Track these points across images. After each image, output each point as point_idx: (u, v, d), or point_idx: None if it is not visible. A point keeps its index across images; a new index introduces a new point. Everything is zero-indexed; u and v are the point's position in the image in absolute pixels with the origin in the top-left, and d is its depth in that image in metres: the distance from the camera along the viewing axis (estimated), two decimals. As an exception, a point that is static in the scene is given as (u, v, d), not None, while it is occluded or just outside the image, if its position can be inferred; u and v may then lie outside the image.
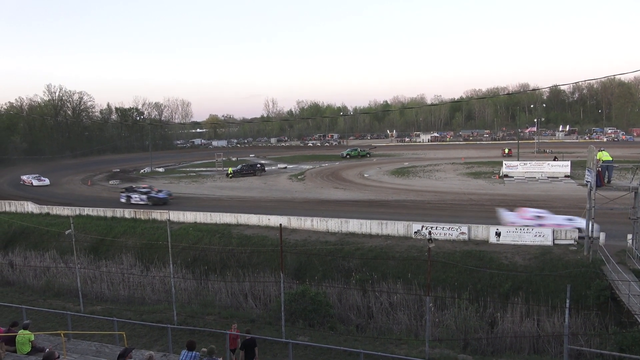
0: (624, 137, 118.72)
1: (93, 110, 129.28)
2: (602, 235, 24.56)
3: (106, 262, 30.99)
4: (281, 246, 17.94)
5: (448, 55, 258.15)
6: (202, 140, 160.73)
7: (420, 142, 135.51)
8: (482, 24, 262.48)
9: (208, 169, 75.20)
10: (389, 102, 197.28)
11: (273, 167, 73.58)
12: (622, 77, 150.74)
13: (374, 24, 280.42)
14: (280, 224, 19.57)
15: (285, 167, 73.32)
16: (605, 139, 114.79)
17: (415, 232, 28.09)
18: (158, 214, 36.26)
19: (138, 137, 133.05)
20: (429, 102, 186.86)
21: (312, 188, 50.61)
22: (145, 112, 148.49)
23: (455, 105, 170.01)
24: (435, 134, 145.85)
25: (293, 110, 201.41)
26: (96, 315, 20.73)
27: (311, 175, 61.18)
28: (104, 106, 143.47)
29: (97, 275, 28.98)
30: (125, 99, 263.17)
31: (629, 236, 23.23)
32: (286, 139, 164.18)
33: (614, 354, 15.71)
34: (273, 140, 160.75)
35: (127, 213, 37.49)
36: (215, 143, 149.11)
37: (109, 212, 38.16)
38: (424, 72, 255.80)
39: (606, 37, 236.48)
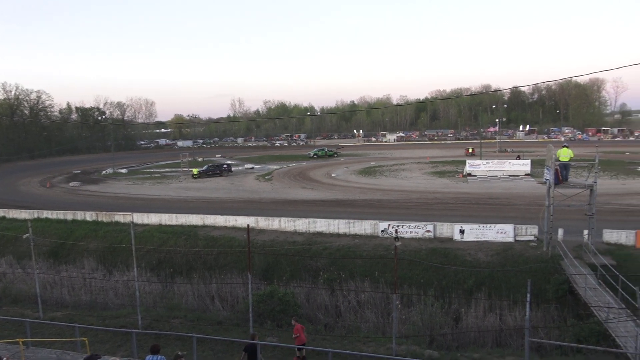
0: (580, 136, 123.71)
1: (52, 109, 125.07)
2: (560, 231, 25.48)
3: (66, 267, 29.99)
4: (249, 247, 17.82)
5: (413, 57, 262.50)
6: (167, 141, 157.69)
7: (386, 141, 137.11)
8: (446, 26, 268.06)
9: (173, 169, 73.85)
10: (355, 102, 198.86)
11: (240, 168, 72.94)
12: (579, 79, 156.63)
13: (340, 26, 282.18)
14: (248, 225, 19.43)
15: (253, 168, 72.81)
16: (562, 138, 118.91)
17: (382, 231, 28.42)
18: (121, 217, 35.37)
19: (100, 138, 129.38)
20: (395, 102, 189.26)
21: (279, 188, 50.46)
22: (107, 112, 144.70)
23: (421, 106, 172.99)
24: (401, 134, 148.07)
25: (260, 110, 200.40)
26: (56, 322, 20.02)
27: (279, 176, 60.98)
28: (64, 106, 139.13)
29: (57, 281, 28.01)
30: (86, 99, 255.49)
31: (585, 232, 24.22)
32: (253, 139, 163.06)
33: (572, 345, 16.33)
34: (240, 140, 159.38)
35: (89, 216, 36.40)
36: (180, 143, 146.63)
37: (69, 215, 36.96)
38: (390, 73, 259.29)
39: (564, 41, 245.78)
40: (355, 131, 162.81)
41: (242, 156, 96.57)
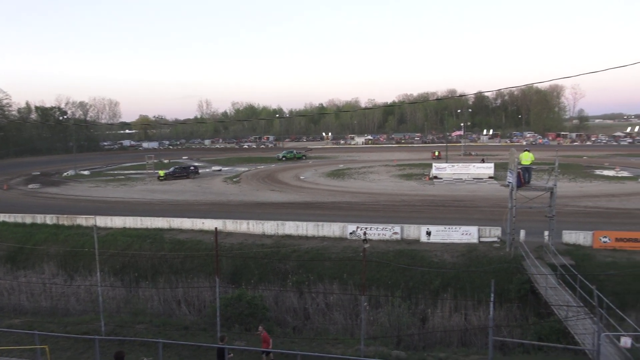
0: (540, 140, 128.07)
1: (9, 108, 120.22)
2: (522, 233, 26.28)
3: (25, 272, 28.88)
4: (217, 250, 17.62)
5: (382, 61, 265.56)
6: (132, 142, 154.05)
7: (355, 144, 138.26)
8: (413, 32, 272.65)
9: (138, 171, 72.19)
10: (324, 105, 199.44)
11: (207, 170, 72.02)
12: (539, 86, 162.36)
13: (309, 28, 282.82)
14: (216, 228, 19.23)
15: (220, 170, 72.01)
16: (524, 142, 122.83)
17: (350, 233, 28.60)
18: (83, 220, 34.35)
19: (61, 138, 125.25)
20: (363, 105, 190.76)
21: (247, 191, 50.08)
22: (69, 112, 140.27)
23: (388, 109, 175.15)
24: (369, 137, 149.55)
25: (228, 111, 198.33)
26: (14, 329, 19.24)
27: (247, 178, 60.53)
28: (23, 105, 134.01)
29: (15, 287, 26.93)
30: (46, 98, 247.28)
31: (546, 233, 25.06)
32: (221, 140, 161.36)
33: (534, 343, 16.85)
34: (207, 142, 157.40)
35: (49, 219, 35.18)
36: (145, 144, 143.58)
37: (28, 218, 35.62)
38: (359, 76, 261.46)
39: (526, 49, 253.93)
40: (324, 134, 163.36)
41: (209, 158, 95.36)
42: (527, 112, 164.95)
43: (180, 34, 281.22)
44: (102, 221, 33.71)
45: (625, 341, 13.50)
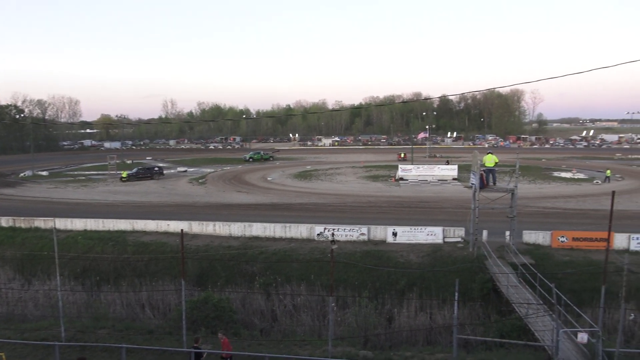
0: (502, 143, 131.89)
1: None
2: (484, 233, 26.99)
3: (-22, 277, 27.57)
4: (182, 252, 17.32)
5: (349, 63, 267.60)
6: (93, 142, 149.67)
7: (322, 146, 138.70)
8: (379, 34, 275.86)
9: (100, 172, 70.17)
10: (291, 106, 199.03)
11: (172, 171, 70.73)
12: (501, 90, 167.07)
13: (277, 29, 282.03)
14: (182, 230, 18.88)
15: (186, 171, 70.86)
16: (486, 145, 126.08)
17: (318, 234, 28.67)
18: (42, 222, 33.12)
19: (17, 137, 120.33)
20: (330, 107, 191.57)
21: (214, 192, 49.46)
22: (26, 110, 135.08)
23: (355, 111, 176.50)
24: (337, 138, 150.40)
25: (194, 111, 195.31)
26: (-34, 338, 18.34)
27: (213, 179, 59.78)
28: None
29: (-33, 292, 25.68)
30: (1, 95, 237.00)
31: (507, 233, 25.84)
32: (186, 141, 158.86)
33: (496, 340, 17.33)
34: (172, 142, 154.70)
35: (5, 221, 33.76)
36: (107, 144, 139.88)
37: (-19, 221, 34.05)
38: (326, 78, 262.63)
39: (488, 55, 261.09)
40: (291, 135, 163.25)
41: (174, 159, 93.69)
42: (489, 115, 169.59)
43: (144, 30, 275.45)
44: (62, 223, 32.60)
45: (582, 337, 14.07)
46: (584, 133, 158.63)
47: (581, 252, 25.49)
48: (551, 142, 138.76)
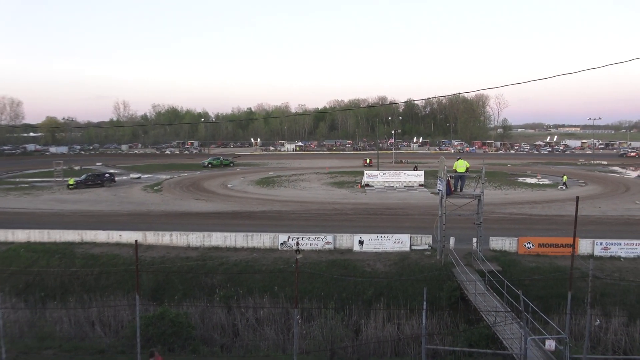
0: (467, 149, 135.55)
1: None
2: (452, 240, 27.55)
3: None
4: (137, 264, 16.85)
5: (313, 65, 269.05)
6: (37, 146, 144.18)
7: (284, 151, 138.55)
8: (343, 37, 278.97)
9: (45, 179, 67.55)
10: (253, 109, 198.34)
11: (125, 177, 69.04)
12: (466, 95, 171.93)
13: (237, 30, 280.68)
14: (136, 240, 18.40)
15: (139, 177, 69.30)
16: (452, 150, 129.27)
17: (281, 244, 28.53)
18: (-21, 234, 31.55)
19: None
20: (293, 111, 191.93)
21: (170, 200, 48.52)
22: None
23: (319, 115, 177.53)
24: (300, 143, 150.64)
25: (148, 114, 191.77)
26: None
27: (169, 186, 58.67)
28: None
29: None
30: None
31: (474, 240, 26.44)
32: (140, 145, 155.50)
33: (465, 350, 17.65)
34: (124, 147, 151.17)
35: (-64, 233, 31.95)
36: (53, 149, 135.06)
37: None
38: (289, 81, 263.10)
39: (453, 60, 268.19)
40: (252, 140, 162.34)
41: (127, 165, 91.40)
42: (454, 120, 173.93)
43: (94, 25, 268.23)
44: (2, 235, 31.15)
45: (550, 344, 14.52)
46: (548, 138, 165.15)
47: (547, 258, 26.38)
48: (516, 147, 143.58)
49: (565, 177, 56.77)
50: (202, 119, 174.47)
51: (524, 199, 46.84)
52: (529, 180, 62.77)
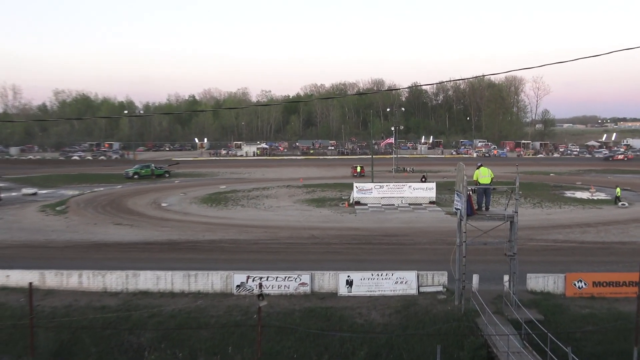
0: (495, 151, 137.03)
1: None
2: (475, 278, 27.72)
3: None
4: (31, 317, 16.59)
5: (280, 38, 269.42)
6: None
7: (242, 156, 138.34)
8: (323, 3, 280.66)
9: None
10: (197, 98, 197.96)
11: (14, 193, 68.29)
12: (493, 79, 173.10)
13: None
14: (30, 283, 18.14)
15: (35, 193, 68.48)
16: (475, 154, 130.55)
17: (238, 286, 28.35)
18: None
19: None
20: (254, 99, 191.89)
21: (79, 225, 47.94)
22: None
23: (291, 106, 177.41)
24: (264, 145, 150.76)
25: (48, 104, 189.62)
26: None
27: (78, 206, 58.02)
28: None
29: None
30: None
31: (506, 278, 26.66)
32: (37, 149, 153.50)
33: None
34: (14, 150, 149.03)
35: None
36: None
37: None
38: (248, 59, 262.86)
39: (475, 29, 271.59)
40: (197, 140, 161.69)
41: (17, 175, 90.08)
42: (477, 113, 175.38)
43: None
44: None
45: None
46: (604, 137, 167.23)
47: (605, 301, 26.70)
48: (561, 149, 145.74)
49: (618, 189, 57.41)
50: (126, 111, 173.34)
51: (573, 221, 47.51)
52: (579, 194, 63.79)
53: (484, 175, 26.48)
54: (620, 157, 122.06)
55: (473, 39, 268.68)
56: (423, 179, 68.12)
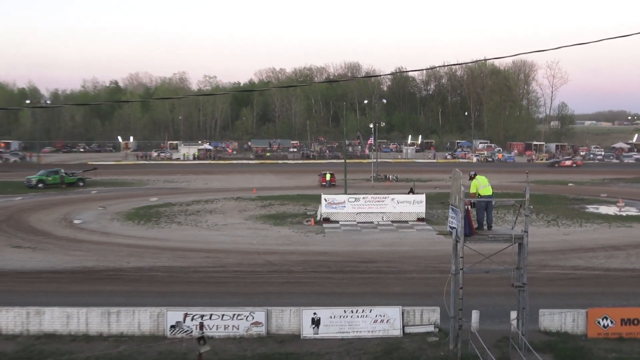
0: (500, 155, 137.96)
1: None
2: (474, 315, 27.89)
3: None
4: None
5: (227, 12, 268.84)
6: None
7: (179, 159, 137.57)
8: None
9: None
10: (121, 84, 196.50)
11: None
12: (498, 63, 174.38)
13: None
14: None
15: None
16: (475, 159, 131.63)
17: (172, 327, 28.17)
18: None
19: None
20: (194, 87, 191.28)
21: (-36, 248, 47.25)
22: None
23: (242, 97, 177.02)
24: (207, 146, 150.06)
25: None
26: None
27: (-37, 224, 57.18)
28: None
29: None
30: None
31: (513, 314, 26.85)
32: None
33: None
34: None
35: None
36: None
37: None
38: (185, 35, 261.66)
39: (476, 4, 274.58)
40: (120, 139, 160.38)
41: None
42: (478, 106, 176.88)
43: None
44: None
45: None
46: (635, 138, 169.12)
47: (636, 343, 27.02)
48: (582, 152, 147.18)
49: None
50: (28, 101, 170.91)
51: (597, 242, 48.04)
52: (604, 209, 64.56)
53: (483, 185, 26.66)
54: (568, 162, 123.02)
55: (473, 13, 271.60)
56: (411, 191, 68.22)
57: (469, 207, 25.98)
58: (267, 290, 35.29)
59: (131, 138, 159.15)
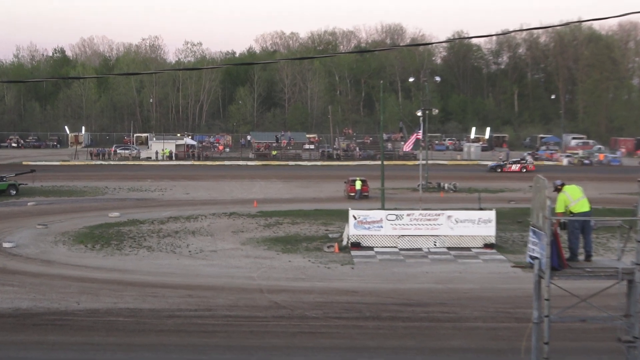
0: (602, 156, 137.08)
1: None
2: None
3: None
4: None
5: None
6: None
7: (150, 158, 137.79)
8: None
9: None
10: (69, 54, 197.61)
11: None
12: (596, 26, 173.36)
13: None
14: None
15: None
16: (564, 160, 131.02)
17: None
18: None
19: None
20: (172, 58, 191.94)
21: None
22: None
23: (239, 73, 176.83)
24: (189, 141, 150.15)
25: None
26: None
27: None
28: None
29: None
30: None
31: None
32: None
33: None
34: None
35: None
36: None
37: None
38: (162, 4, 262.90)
39: None
40: (68, 130, 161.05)
41: None
42: (569, 87, 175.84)
43: None
44: None
45: None
46: None
47: None
48: None
49: None
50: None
51: None
52: None
53: (576, 198, 26.26)
54: (513, 167, 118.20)
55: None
56: (479, 207, 67.53)
57: (558, 229, 25.82)
58: (271, 343, 35.27)
59: (83, 129, 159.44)
